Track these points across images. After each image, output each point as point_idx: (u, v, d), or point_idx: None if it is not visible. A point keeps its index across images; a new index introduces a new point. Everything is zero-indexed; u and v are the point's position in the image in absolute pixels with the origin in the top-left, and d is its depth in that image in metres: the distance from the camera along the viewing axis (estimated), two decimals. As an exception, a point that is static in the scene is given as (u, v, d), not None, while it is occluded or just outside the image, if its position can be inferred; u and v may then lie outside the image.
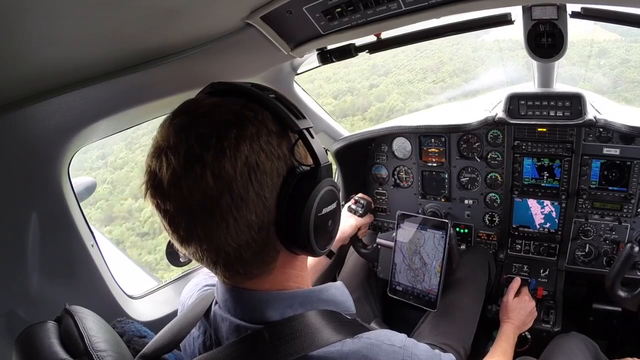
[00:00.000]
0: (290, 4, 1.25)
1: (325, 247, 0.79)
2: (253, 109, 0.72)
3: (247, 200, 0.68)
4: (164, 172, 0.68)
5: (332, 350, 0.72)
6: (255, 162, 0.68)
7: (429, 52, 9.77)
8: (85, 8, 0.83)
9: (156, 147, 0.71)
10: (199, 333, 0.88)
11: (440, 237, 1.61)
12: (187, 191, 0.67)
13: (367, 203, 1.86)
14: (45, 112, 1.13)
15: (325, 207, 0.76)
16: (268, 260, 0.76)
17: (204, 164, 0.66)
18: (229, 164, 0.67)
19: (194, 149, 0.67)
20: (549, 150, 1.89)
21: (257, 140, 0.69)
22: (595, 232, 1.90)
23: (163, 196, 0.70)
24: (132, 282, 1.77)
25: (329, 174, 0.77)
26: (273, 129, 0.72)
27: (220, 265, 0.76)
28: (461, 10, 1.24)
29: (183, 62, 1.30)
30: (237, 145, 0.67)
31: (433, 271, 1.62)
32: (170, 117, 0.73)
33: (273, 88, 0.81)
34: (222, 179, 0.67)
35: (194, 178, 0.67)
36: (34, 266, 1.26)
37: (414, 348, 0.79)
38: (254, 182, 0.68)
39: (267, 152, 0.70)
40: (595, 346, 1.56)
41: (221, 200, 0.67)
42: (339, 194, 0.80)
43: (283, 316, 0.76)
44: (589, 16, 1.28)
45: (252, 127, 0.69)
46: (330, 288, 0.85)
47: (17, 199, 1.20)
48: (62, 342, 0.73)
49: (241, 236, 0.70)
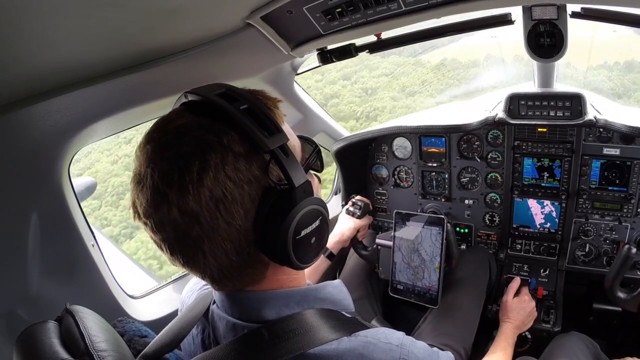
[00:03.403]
0: (290, 4, 1.25)
1: (311, 261, 0.77)
2: (218, 131, 0.67)
3: (217, 229, 0.67)
4: (139, 204, 0.70)
5: (328, 349, 0.73)
6: (221, 194, 0.66)
7: (429, 51, 9.78)
8: (85, 8, 0.83)
9: (134, 172, 0.71)
10: (197, 332, 0.89)
11: (437, 233, 1.61)
12: (160, 225, 0.68)
13: (364, 205, 1.86)
14: (45, 112, 1.13)
15: (304, 229, 0.72)
16: (257, 272, 0.76)
17: (169, 202, 0.66)
18: (193, 201, 0.65)
19: (158, 187, 0.66)
20: (549, 150, 1.89)
21: (222, 170, 0.66)
22: (596, 232, 1.90)
23: (144, 223, 0.71)
24: (133, 282, 1.77)
25: (308, 192, 0.72)
26: (241, 151, 0.67)
27: (209, 281, 0.77)
28: (461, 10, 1.24)
29: (183, 62, 1.30)
30: (200, 180, 0.65)
31: (432, 267, 1.62)
32: (143, 141, 0.71)
33: (263, 90, 0.79)
34: (188, 214, 0.66)
35: (162, 214, 0.67)
36: (34, 266, 1.26)
37: (412, 346, 0.79)
38: (222, 213, 0.66)
39: (235, 179, 0.67)
40: (595, 346, 1.56)
41: (192, 232, 0.67)
42: (323, 209, 0.76)
43: (280, 315, 0.76)
44: (589, 16, 1.28)
45: (215, 156, 0.66)
46: (327, 287, 0.85)
47: (17, 199, 1.20)
48: (63, 342, 0.73)
49: (220, 261, 0.70)
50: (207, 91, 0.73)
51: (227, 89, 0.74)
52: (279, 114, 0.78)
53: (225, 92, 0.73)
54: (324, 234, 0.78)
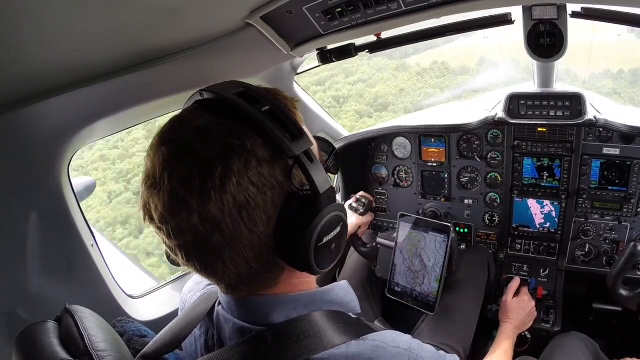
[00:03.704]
0: (290, 4, 1.26)
1: (329, 266, 0.75)
2: (240, 134, 0.64)
3: (239, 237, 0.65)
4: (153, 209, 0.66)
5: (336, 353, 0.72)
6: (245, 200, 0.63)
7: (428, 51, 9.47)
8: (85, 8, 0.83)
9: (146, 173, 0.67)
10: (200, 333, 0.88)
11: (442, 241, 1.60)
12: (178, 231, 0.66)
13: (368, 202, 1.86)
14: (45, 112, 1.13)
15: (326, 236, 0.70)
16: (272, 277, 0.75)
17: (189, 209, 0.63)
18: (215, 208, 0.62)
19: (178, 192, 0.63)
20: (549, 150, 1.89)
21: (245, 175, 0.63)
22: (595, 232, 1.90)
23: (158, 228, 0.68)
24: (132, 282, 1.77)
25: (332, 199, 0.70)
26: (264, 156, 0.65)
27: (223, 287, 0.76)
28: (461, 10, 1.24)
29: (183, 62, 1.30)
30: (223, 186, 0.62)
31: (433, 274, 1.61)
32: (157, 142, 0.68)
33: (278, 89, 0.77)
34: (209, 221, 0.63)
35: (181, 220, 0.64)
36: (34, 266, 1.26)
37: (420, 350, 0.79)
38: (245, 220, 0.64)
39: (259, 185, 0.64)
40: (595, 346, 1.56)
41: (213, 239, 0.65)
42: (344, 215, 0.74)
43: (287, 318, 0.75)
44: (589, 16, 1.29)
45: (238, 161, 0.63)
46: (335, 289, 0.84)
47: (17, 199, 1.20)
48: (62, 342, 0.73)
49: (240, 269, 0.69)
50: (225, 90, 0.69)
51: (246, 87, 0.71)
52: (299, 116, 0.76)
53: (245, 91, 0.69)
54: (343, 239, 0.76)
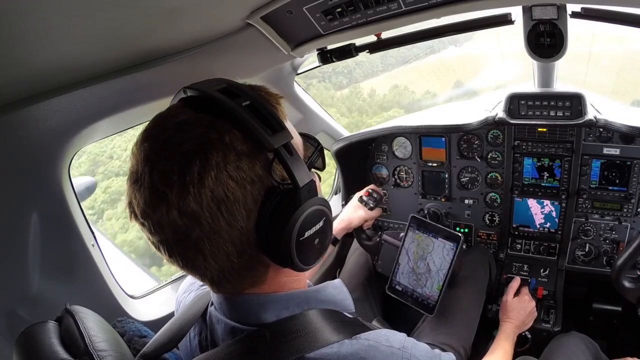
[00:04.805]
0: (290, 4, 1.25)
1: (314, 263, 0.75)
2: (220, 128, 0.65)
3: (219, 231, 0.65)
4: (136, 204, 0.67)
5: (329, 352, 0.72)
6: (223, 194, 0.64)
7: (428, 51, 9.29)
8: (85, 8, 0.83)
9: (130, 170, 0.68)
10: (194, 334, 0.88)
11: (450, 249, 1.59)
12: (158, 226, 0.66)
13: (379, 197, 1.84)
14: (45, 112, 1.13)
15: (308, 230, 0.70)
16: (257, 274, 0.74)
17: (168, 203, 0.63)
18: (194, 202, 0.63)
19: (157, 186, 0.64)
20: (549, 150, 1.89)
21: (224, 169, 0.63)
22: (595, 232, 1.91)
23: (141, 224, 0.69)
24: (133, 282, 1.77)
25: (312, 192, 0.70)
26: (243, 149, 0.65)
27: (208, 283, 0.76)
28: (461, 10, 1.24)
29: (183, 62, 1.30)
30: (201, 180, 0.62)
31: (436, 279, 1.61)
32: (141, 139, 0.69)
33: (264, 86, 0.78)
34: (188, 216, 0.64)
35: (160, 215, 0.65)
36: (34, 266, 1.26)
37: (413, 349, 0.78)
38: (224, 214, 0.64)
39: (237, 179, 0.64)
40: (595, 346, 1.56)
41: (192, 234, 0.65)
42: (327, 209, 0.74)
43: (278, 317, 0.75)
44: (589, 16, 1.28)
45: (217, 155, 0.63)
46: (327, 287, 0.84)
47: (17, 199, 1.20)
48: (63, 342, 0.73)
49: (221, 264, 0.69)
50: (207, 86, 0.70)
51: (228, 84, 0.72)
52: (281, 111, 0.76)
53: (226, 87, 0.70)
54: (327, 235, 0.76)
